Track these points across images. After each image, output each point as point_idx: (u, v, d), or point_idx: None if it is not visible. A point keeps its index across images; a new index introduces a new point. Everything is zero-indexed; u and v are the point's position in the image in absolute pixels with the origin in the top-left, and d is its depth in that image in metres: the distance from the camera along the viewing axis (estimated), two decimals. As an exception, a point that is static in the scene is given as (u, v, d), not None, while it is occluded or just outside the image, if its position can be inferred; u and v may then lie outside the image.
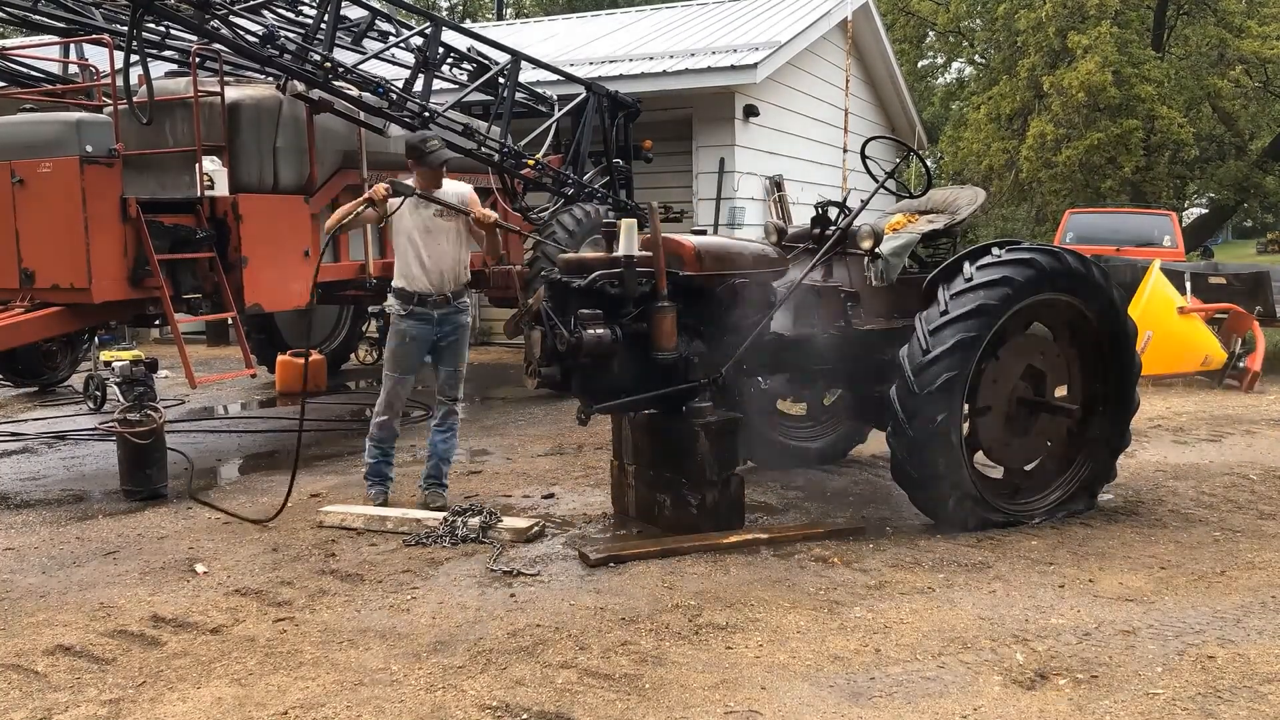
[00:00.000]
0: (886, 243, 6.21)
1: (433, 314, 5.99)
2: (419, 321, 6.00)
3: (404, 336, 6.02)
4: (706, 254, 5.60)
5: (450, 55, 10.51)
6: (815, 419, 7.17)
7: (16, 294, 7.19)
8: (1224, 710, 3.47)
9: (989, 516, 5.48)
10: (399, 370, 6.08)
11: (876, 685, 3.69)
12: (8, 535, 5.84)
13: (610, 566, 4.99)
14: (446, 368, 6.14)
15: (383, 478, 6.21)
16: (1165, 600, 4.47)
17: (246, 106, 7.99)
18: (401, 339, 6.03)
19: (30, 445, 8.38)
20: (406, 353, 6.05)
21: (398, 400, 6.15)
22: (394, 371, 6.08)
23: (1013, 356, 5.65)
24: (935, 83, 32.90)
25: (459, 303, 6.10)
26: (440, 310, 6.01)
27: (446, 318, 6.04)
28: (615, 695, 3.64)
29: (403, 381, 6.10)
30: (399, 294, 6.02)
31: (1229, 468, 6.87)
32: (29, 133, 7.15)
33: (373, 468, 6.20)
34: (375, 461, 6.19)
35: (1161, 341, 9.65)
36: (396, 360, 6.07)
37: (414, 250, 5.94)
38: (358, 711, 3.57)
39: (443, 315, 6.02)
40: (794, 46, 13.96)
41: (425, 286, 5.96)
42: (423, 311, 5.98)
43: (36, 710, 3.64)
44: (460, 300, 6.11)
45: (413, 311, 5.98)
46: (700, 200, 13.48)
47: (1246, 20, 22.52)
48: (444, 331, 6.06)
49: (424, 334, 6.02)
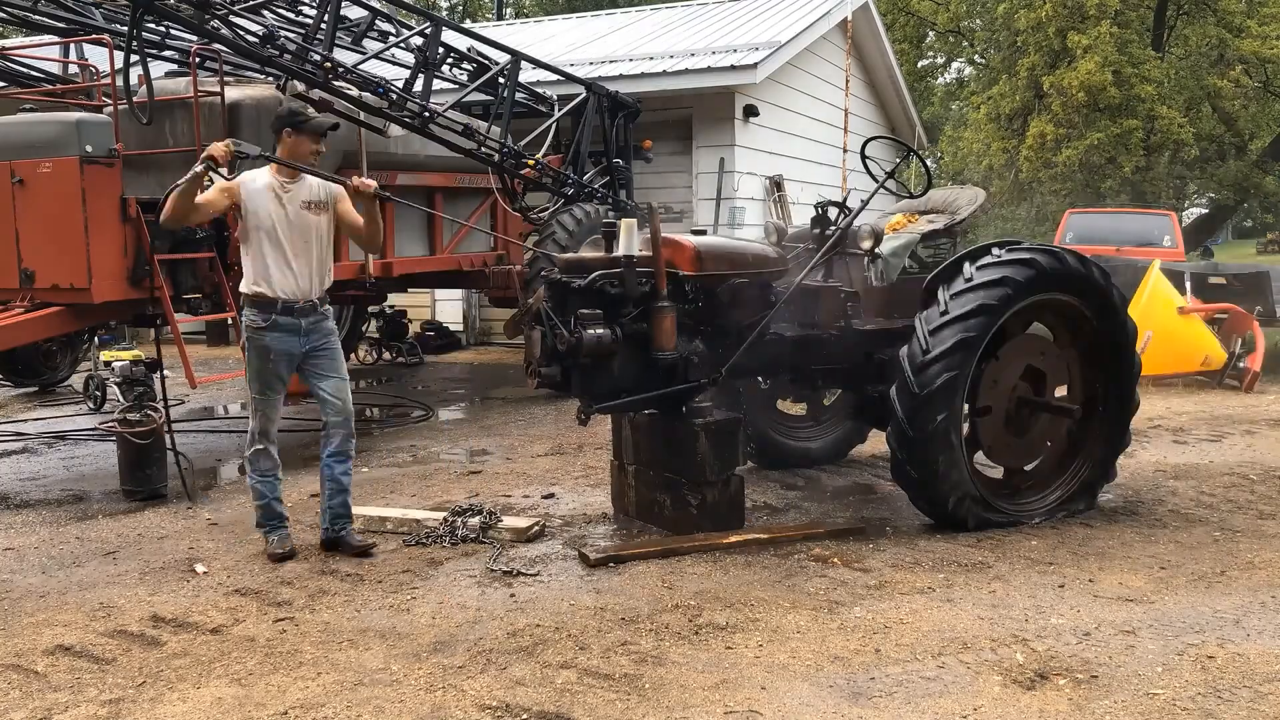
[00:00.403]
0: (886, 243, 6.22)
1: (299, 323, 5.14)
2: (283, 333, 5.12)
3: (266, 353, 5.12)
4: (706, 254, 5.60)
5: (450, 55, 10.52)
6: (815, 419, 7.18)
7: (16, 294, 7.20)
8: (1224, 710, 3.47)
9: (989, 516, 5.48)
10: (267, 389, 5.20)
11: (876, 685, 3.69)
12: (8, 535, 5.84)
13: (610, 566, 4.99)
14: (328, 379, 5.24)
15: (279, 518, 5.32)
16: (1165, 600, 4.47)
17: (246, 106, 7.99)
18: (263, 355, 5.13)
19: (30, 445, 8.39)
20: (272, 370, 5.17)
21: (271, 424, 5.25)
22: (261, 393, 5.20)
23: (1013, 356, 5.64)
24: (935, 83, 32.90)
25: (325, 309, 5.28)
26: (306, 318, 5.16)
27: (315, 326, 5.21)
28: (615, 695, 3.64)
29: (272, 403, 5.23)
30: (256, 302, 5.11)
31: (1229, 468, 6.87)
32: (29, 133, 7.16)
33: (265, 509, 5.28)
34: (265, 501, 5.27)
35: (1161, 341, 9.65)
36: (263, 380, 5.18)
37: (276, 249, 5.09)
38: (358, 711, 3.57)
39: (309, 324, 5.18)
40: (794, 46, 13.96)
41: (292, 292, 5.11)
42: (288, 321, 5.11)
43: (36, 710, 3.64)
44: (325, 306, 5.29)
45: (276, 322, 5.09)
46: (700, 200, 13.48)
47: (1246, 20, 22.52)
48: (312, 341, 5.20)
49: (289, 346, 5.14)
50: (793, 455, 6.97)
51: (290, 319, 5.12)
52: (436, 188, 10.05)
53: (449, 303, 14.80)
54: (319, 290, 5.23)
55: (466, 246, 10.66)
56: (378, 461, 7.56)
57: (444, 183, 10.08)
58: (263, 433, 5.23)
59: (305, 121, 5.15)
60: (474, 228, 10.29)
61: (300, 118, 5.18)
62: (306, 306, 5.17)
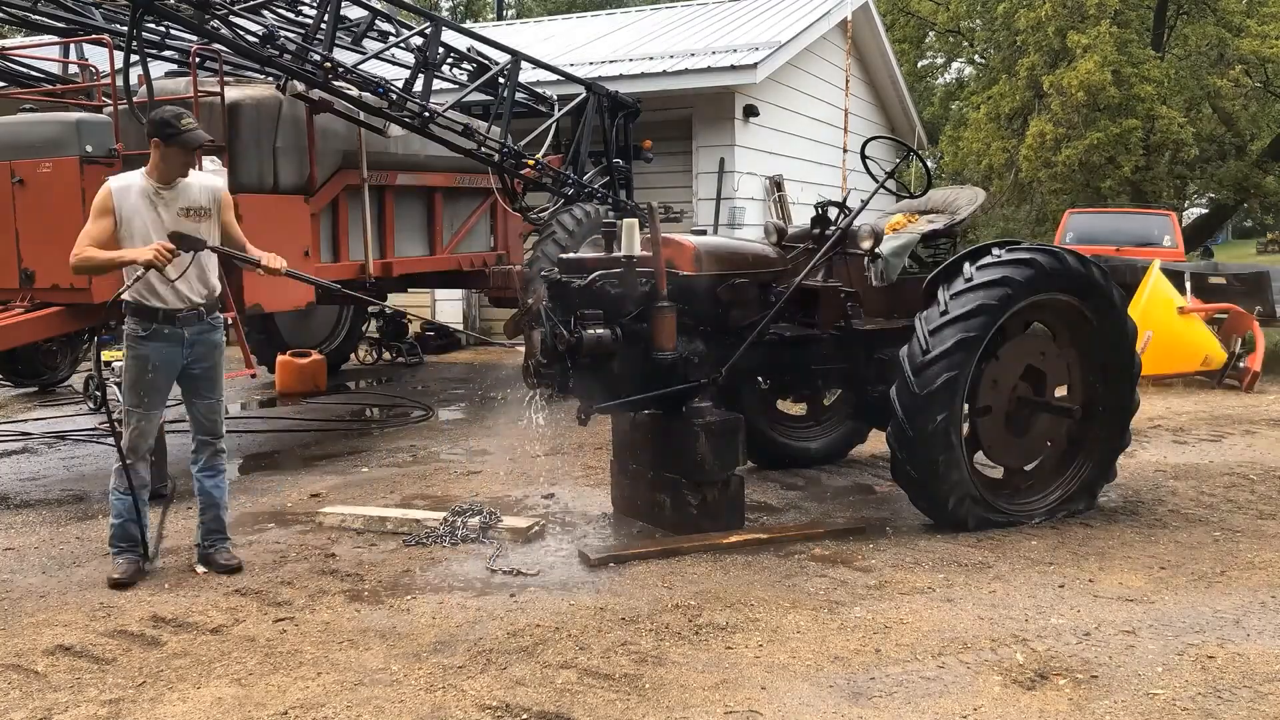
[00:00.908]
0: (886, 243, 6.21)
1: (182, 333, 4.93)
2: (165, 344, 4.91)
3: (145, 363, 4.90)
4: (706, 254, 5.61)
5: (450, 55, 10.51)
6: (815, 419, 7.18)
7: (16, 294, 7.19)
8: (1224, 710, 3.47)
9: (989, 516, 5.48)
10: (144, 405, 4.96)
11: (876, 685, 3.69)
12: (8, 535, 5.85)
13: (610, 566, 4.99)
14: (203, 400, 5.09)
15: (133, 541, 5.04)
16: (1165, 600, 4.48)
17: (246, 106, 7.99)
18: (142, 366, 4.91)
19: (30, 445, 8.39)
20: (151, 383, 4.94)
21: (144, 440, 5.01)
22: (138, 406, 4.95)
23: (1013, 357, 5.64)
24: (935, 83, 32.89)
25: (212, 318, 5.07)
26: (190, 329, 4.95)
27: (200, 337, 5.00)
28: (615, 695, 3.64)
29: (148, 417, 5.00)
30: (137, 311, 4.89)
31: (1229, 468, 6.87)
32: (29, 133, 7.16)
33: (119, 529, 5.01)
34: (122, 520, 5.00)
35: (1161, 341, 9.64)
36: (139, 393, 4.95)
37: None
38: (358, 711, 3.57)
39: (194, 335, 4.97)
40: (794, 46, 13.97)
41: (173, 300, 4.89)
42: (170, 331, 4.91)
43: (36, 710, 3.64)
44: (213, 316, 5.09)
45: (155, 331, 4.89)
46: (700, 200, 13.48)
47: (1246, 20, 22.52)
48: (195, 354, 5.00)
49: (170, 358, 4.94)
50: (793, 455, 6.97)
51: (172, 328, 4.91)
52: (436, 188, 10.05)
53: (449, 303, 14.80)
54: (203, 298, 4.99)
55: (466, 246, 10.66)
56: (378, 461, 7.56)
57: (444, 183, 10.07)
58: (133, 449, 4.98)
59: (176, 134, 4.79)
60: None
61: (171, 129, 4.79)
62: (190, 315, 4.95)
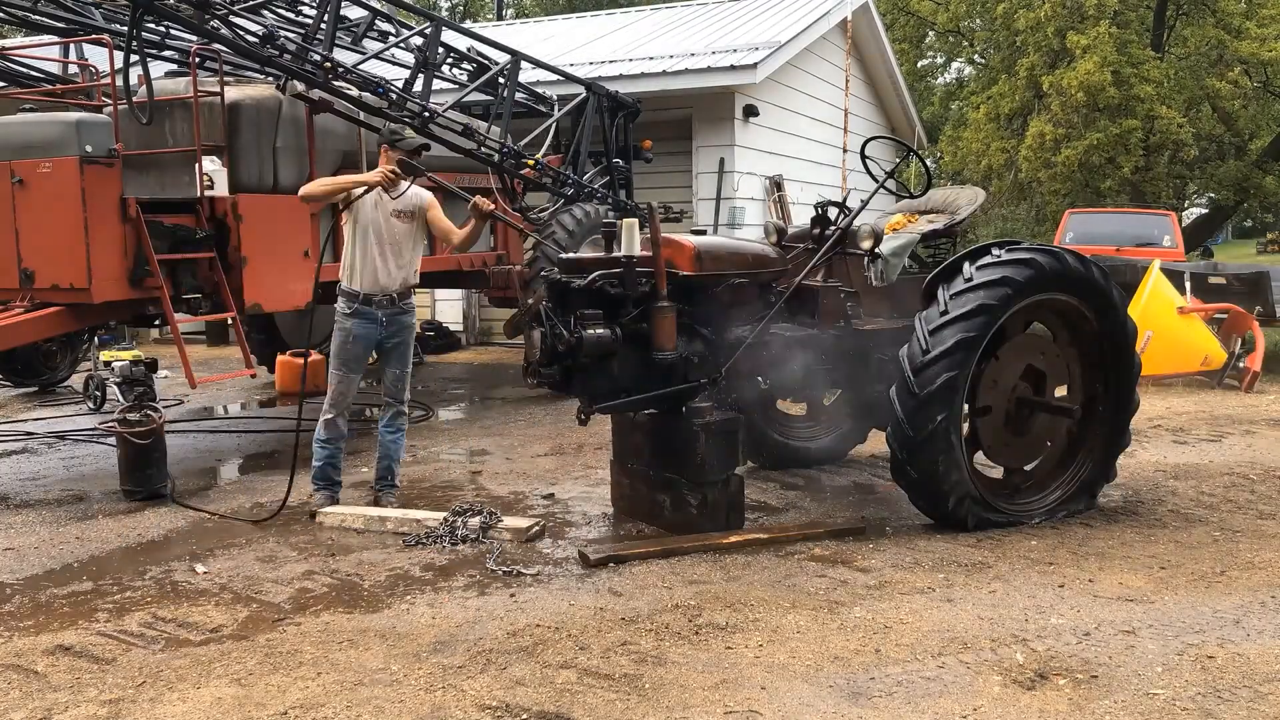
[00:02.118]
0: (886, 243, 6.21)
1: (378, 315, 5.94)
2: (364, 321, 5.94)
3: (347, 335, 5.95)
4: (706, 254, 5.60)
5: (450, 55, 10.51)
6: (815, 419, 7.17)
7: (16, 294, 7.19)
8: (1224, 710, 3.47)
9: (989, 516, 5.48)
10: (345, 367, 5.99)
11: (876, 685, 3.69)
12: (8, 535, 5.84)
13: (610, 566, 4.99)
14: (392, 369, 6.12)
15: (329, 481, 6.11)
16: (1165, 600, 4.47)
17: (246, 106, 7.99)
18: (346, 336, 5.96)
19: (30, 445, 8.38)
20: (352, 351, 5.98)
21: (344, 398, 6.03)
22: (340, 368, 5.99)
23: (1013, 356, 5.64)
24: (935, 83, 32.90)
25: (404, 304, 6.06)
26: (386, 312, 5.96)
27: (393, 319, 6.01)
28: (615, 695, 3.64)
29: (348, 379, 6.02)
30: (345, 293, 5.95)
31: (1229, 468, 6.87)
32: (29, 133, 7.15)
33: (320, 470, 6.08)
34: (321, 464, 6.08)
35: (1161, 341, 9.64)
36: (342, 358, 5.98)
37: (366, 249, 5.88)
38: (357, 711, 3.57)
39: (389, 317, 5.98)
40: (794, 46, 13.96)
41: (373, 287, 5.91)
42: (368, 311, 5.93)
43: (36, 710, 3.64)
44: (406, 302, 6.07)
45: (358, 310, 5.92)
46: (700, 200, 13.47)
47: (1245, 22, 22.51)
48: (389, 333, 6.02)
49: (369, 334, 5.97)
50: (793, 455, 6.97)
51: (369, 309, 5.91)
52: (436, 187, 10.04)
53: (449, 303, 14.80)
54: (399, 288, 5.98)
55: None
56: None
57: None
58: (334, 404, 6.01)
59: (400, 141, 5.97)
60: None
61: (396, 136, 6.06)
62: (385, 301, 5.93)
